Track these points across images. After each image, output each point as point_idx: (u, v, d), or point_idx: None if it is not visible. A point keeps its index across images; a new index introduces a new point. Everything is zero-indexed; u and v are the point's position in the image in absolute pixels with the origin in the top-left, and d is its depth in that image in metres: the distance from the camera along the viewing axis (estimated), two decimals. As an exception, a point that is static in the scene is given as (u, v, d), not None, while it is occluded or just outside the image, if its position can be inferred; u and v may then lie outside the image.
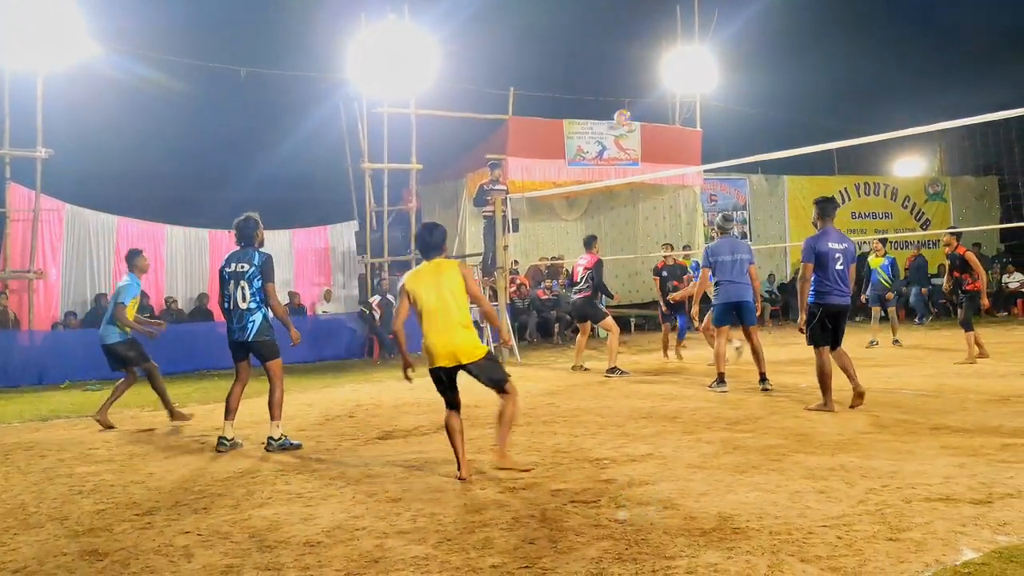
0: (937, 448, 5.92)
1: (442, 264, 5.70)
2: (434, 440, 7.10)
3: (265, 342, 6.96)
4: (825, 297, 7.64)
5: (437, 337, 5.52)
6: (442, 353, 5.52)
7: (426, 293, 5.55)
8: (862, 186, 23.04)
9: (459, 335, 5.53)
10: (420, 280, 5.62)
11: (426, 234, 5.80)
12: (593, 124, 18.16)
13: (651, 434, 6.95)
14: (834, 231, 7.82)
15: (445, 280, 5.58)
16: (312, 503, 5.16)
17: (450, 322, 5.51)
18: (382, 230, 16.87)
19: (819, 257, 7.62)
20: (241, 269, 6.90)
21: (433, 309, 5.53)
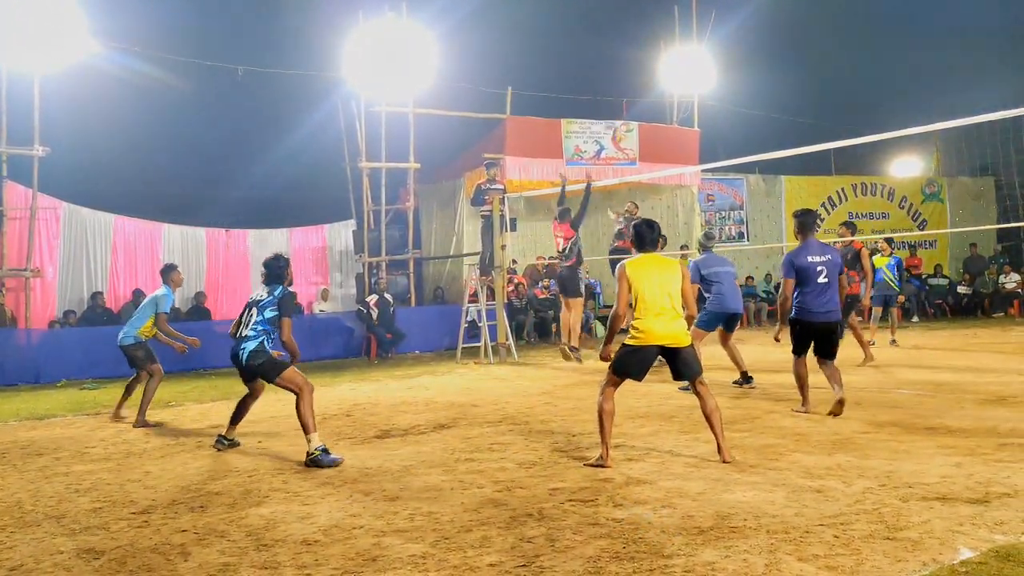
0: (934, 448, 5.93)
1: (662, 259, 6.13)
2: (431, 439, 7.10)
3: (259, 364, 6.69)
4: (806, 314, 7.46)
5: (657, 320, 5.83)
6: (661, 334, 5.83)
7: (647, 281, 5.89)
8: (859, 186, 23.06)
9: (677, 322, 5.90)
10: (641, 269, 5.96)
11: (647, 229, 6.13)
12: (591, 123, 18.16)
13: (648, 433, 6.96)
14: (815, 243, 7.67)
15: (666, 271, 5.97)
16: (309, 502, 5.16)
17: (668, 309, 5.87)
18: (380, 229, 16.86)
19: (800, 272, 7.45)
20: (258, 298, 6.92)
21: (654, 293, 5.86)
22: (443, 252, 18.53)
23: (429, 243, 19.08)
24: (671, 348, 5.87)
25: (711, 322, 9.70)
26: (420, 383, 11.30)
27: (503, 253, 14.27)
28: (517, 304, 17.14)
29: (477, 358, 13.84)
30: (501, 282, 14.13)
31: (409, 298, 17.07)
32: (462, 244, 17.75)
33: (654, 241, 6.14)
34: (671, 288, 5.89)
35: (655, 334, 5.81)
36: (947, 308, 20.38)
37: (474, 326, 14.77)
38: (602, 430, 5.84)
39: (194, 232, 16.56)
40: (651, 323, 5.82)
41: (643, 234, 6.13)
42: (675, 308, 5.88)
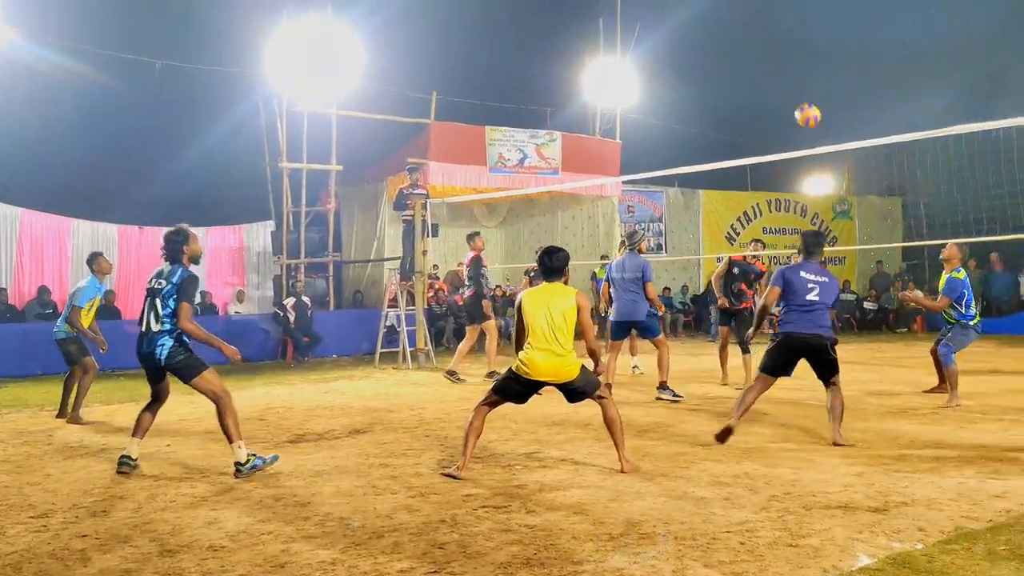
0: (838, 457, 6.12)
1: (559, 288, 5.94)
2: (346, 444, 7.01)
3: (179, 363, 6.06)
4: (787, 325, 7.07)
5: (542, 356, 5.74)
6: (544, 370, 5.74)
7: (537, 313, 5.80)
8: (773, 202, 23.73)
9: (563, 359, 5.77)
10: (535, 300, 5.87)
11: (547, 259, 5.99)
12: (515, 132, 18.22)
13: (564, 440, 7.01)
14: (814, 265, 7.26)
15: (558, 304, 5.81)
16: (217, 507, 5.04)
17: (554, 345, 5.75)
18: (299, 231, 16.61)
19: (788, 283, 7.06)
20: (158, 285, 6.13)
21: (542, 328, 5.76)
22: (364, 256, 18.36)
23: (349, 246, 18.88)
24: (556, 383, 5.80)
25: (615, 332, 9.73)
26: (336, 387, 11.16)
27: (424, 258, 14.21)
28: (437, 310, 17.09)
29: (395, 363, 13.74)
30: (421, 287, 14.07)
31: (328, 301, 16.86)
32: (383, 248, 17.62)
33: (556, 270, 5.96)
34: (562, 322, 5.75)
35: (538, 369, 5.73)
36: (854, 323, 21.11)
37: (393, 331, 14.66)
38: (465, 444, 5.78)
39: (106, 228, 16.06)
40: (535, 357, 5.72)
41: (543, 263, 6.01)
42: (563, 344, 5.73)
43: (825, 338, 7.01)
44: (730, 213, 23.02)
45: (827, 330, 7.08)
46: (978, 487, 5.14)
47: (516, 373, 5.82)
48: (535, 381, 5.79)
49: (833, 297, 7.14)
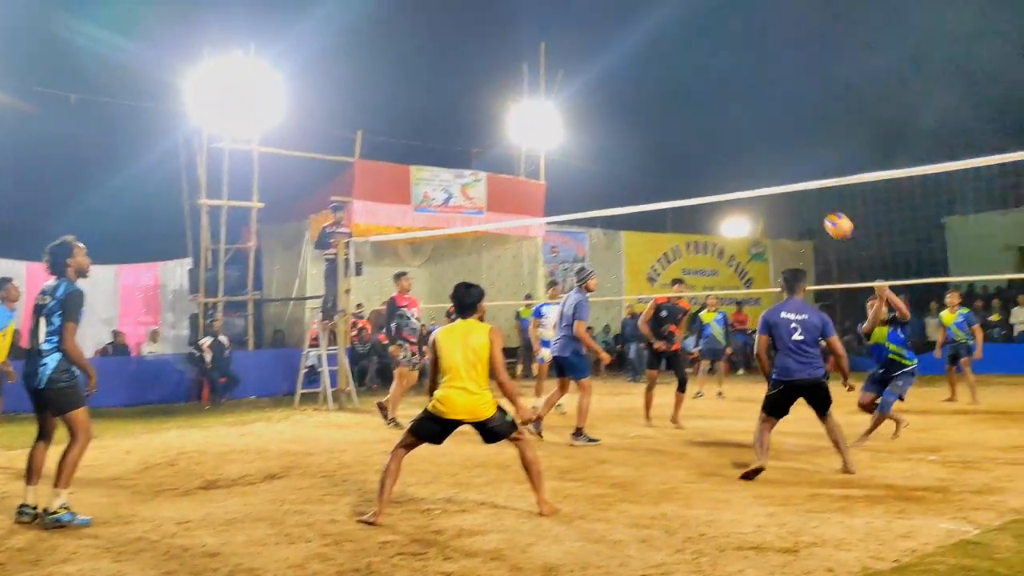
0: (751, 497, 6.23)
1: (474, 325, 5.93)
2: (260, 490, 6.85)
3: (60, 390, 5.73)
4: (787, 374, 7.19)
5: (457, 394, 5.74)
6: (460, 408, 5.73)
7: (451, 351, 5.79)
8: (692, 244, 24.27)
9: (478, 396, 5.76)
10: (449, 337, 5.86)
11: (461, 294, 6.01)
12: (440, 171, 18.30)
13: (484, 483, 6.98)
14: (795, 302, 7.37)
15: (473, 341, 5.80)
16: (122, 558, 4.85)
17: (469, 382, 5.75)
18: (217, 269, 16.27)
19: (773, 328, 7.23)
20: (42, 302, 5.85)
21: (457, 366, 5.75)
22: (285, 294, 18.09)
23: (270, 284, 18.58)
24: (471, 422, 5.79)
25: (554, 368, 9.81)
26: (253, 430, 10.91)
27: (347, 297, 14.07)
28: (360, 349, 16.91)
29: (316, 404, 13.51)
30: (344, 327, 13.90)
31: (247, 341, 16.51)
32: (305, 287, 17.40)
33: (470, 306, 5.99)
34: (476, 359, 5.75)
35: (453, 407, 5.72)
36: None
37: (314, 371, 14.42)
38: (381, 489, 5.71)
39: (13, 265, 15.46)
40: (450, 395, 5.72)
41: (457, 299, 6.02)
42: (478, 381, 5.74)
43: (820, 378, 7.22)
44: (651, 254, 23.46)
45: (819, 368, 7.25)
46: (885, 527, 5.29)
47: (431, 412, 5.78)
48: (451, 420, 5.75)
49: (817, 332, 7.23)
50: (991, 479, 6.68)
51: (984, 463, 7.44)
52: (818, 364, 7.23)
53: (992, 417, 10.98)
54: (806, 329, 7.19)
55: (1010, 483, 6.51)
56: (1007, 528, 5.17)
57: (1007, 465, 7.31)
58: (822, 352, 7.48)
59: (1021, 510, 5.62)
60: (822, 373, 7.27)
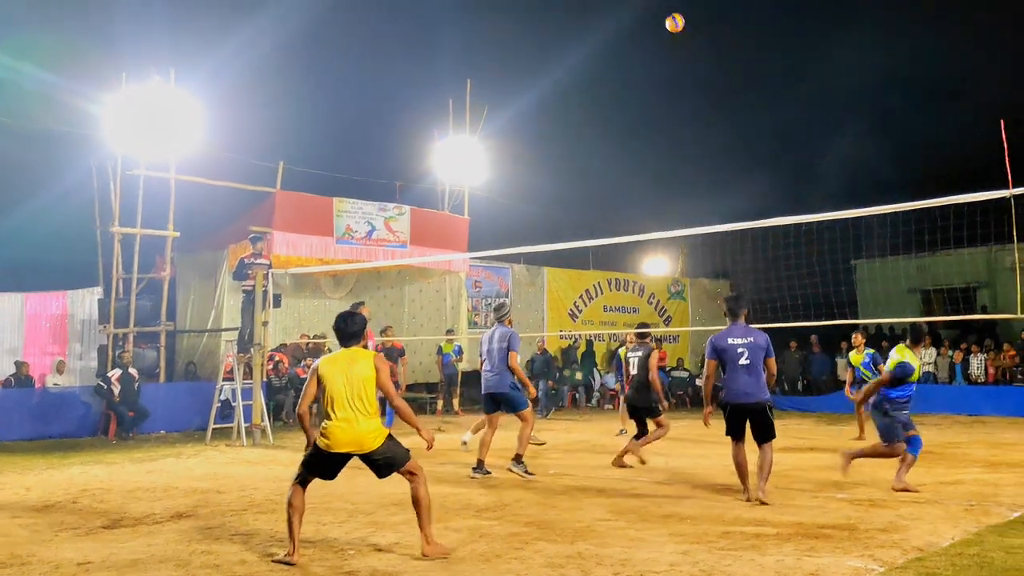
0: (666, 535, 6.28)
1: (357, 353, 5.80)
2: (167, 529, 6.61)
3: None
4: (732, 396, 7.65)
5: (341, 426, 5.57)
6: (345, 440, 5.55)
7: (335, 381, 5.62)
8: (613, 282, 24.58)
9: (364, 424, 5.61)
10: (333, 367, 5.69)
11: (342, 323, 5.87)
12: (363, 204, 18.17)
13: (400, 522, 6.87)
14: (739, 327, 7.77)
15: (358, 369, 5.67)
16: (14, 604, 4.62)
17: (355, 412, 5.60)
18: (129, 299, 15.76)
19: (720, 353, 7.64)
20: None
21: (342, 396, 5.59)
22: (200, 325, 17.64)
23: (185, 315, 18.09)
24: (360, 454, 5.62)
25: (485, 403, 9.68)
26: (162, 466, 10.56)
27: (264, 330, 13.79)
28: (277, 383, 16.57)
29: (229, 440, 13.17)
30: (260, 360, 13.60)
31: (158, 373, 16.00)
32: (221, 318, 16.99)
33: (354, 335, 5.87)
34: (363, 388, 5.63)
35: (337, 440, 5.56)
36: (687, 399, 21.93)
37: (228, 405, 14.06)
38: (289, 526, 5.57)
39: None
40: (334, 428, 5.56)
41: (339, 328, 5.88)
42: (365, 410, 5.61)
43: (763, 402, 7.62)
44: (573, 291, 23.66)
45: (760, 393, 7.61)
46: (794, 565, 5.38)
47: (317, 447, 5.62)
48: (337, 454, 5.59)
49: (763, 352, 7.61)
50: (896, 517, 6.87)
51: (890, 501, 7.66)
52: (763, 388, 7.62)
53: (897, 455, 11.33)
54: (753, 352, 7.56)
55: (914, 521, 6.71)
56: (910, 566, 5.32)
57: (912, 504, 7.54)
58: None
59: (924, 548, 5.80)
60: (767, 397, 7.67)
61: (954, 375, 19.53)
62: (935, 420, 16.85)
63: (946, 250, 18.76)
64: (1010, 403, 17.66)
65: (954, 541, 6.01)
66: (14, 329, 15.97)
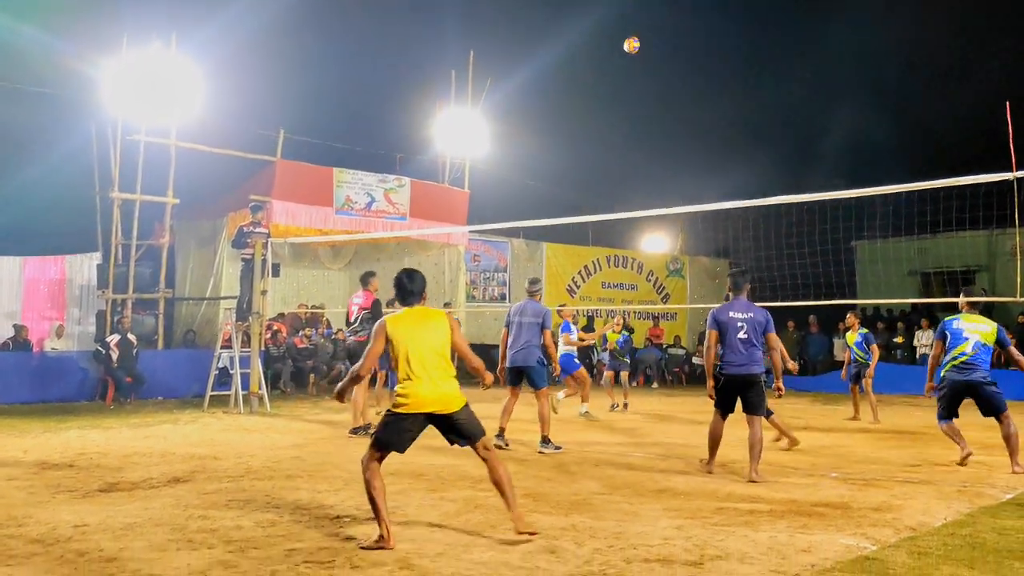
0: (660, 510, 6.31)
1: (429, 312, 5.62)
2: (163, 493, 6.64)
3: None
4: (727, 367, 7.81)
5: (424, 384, 5.32)
6: (429, 398, 5.31)
7: (411, 339, 5.37)
8: (612, 258, 24.56)
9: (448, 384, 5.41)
10: (404, 325, 5.43)
11: (406, 280, 5.63)
12: (363, 175, 18.11)
13: (396, 491, 6.88)
14: (741, 302, 7.96)
15: (433, 328, 5.46)
16: (12, 562, 4.64)
17: (437, 370, 5.38)
18: (128, 265, 15.75)
19: (720, 326, 7.83)
20: None
21: (420, 354, 5.34)
22: (199, 293, 17.63)
23: (184, 283, 18.08)
24: (440, 415, 5.37)
25: (508, 378, 9.65)
26: (159, 432, 10.59)
27: (263, 299, 13.79)
28: (275, 352, 16.59)
29: (226, 407, 13.20)
30: (258, 328, 13.61)
31: (156, 340, 16.03)
32: (220, 286, 16.99)
33: (416, 293, 5.62)
34: (443, 347, 5.42)
35: (420, 400, 5.28)
36: (683, 376, 22.02)
37: (225, 373, 14.09)
38: (375, 508, 5.25)
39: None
40: (416, 388, 5.28)
41: (403, 285, 5.62)
42: (445, 368, 5.39)
43: (756, 374, 7.82)
44: (571, 266, 23.65)
45: (759, 366, 7.85)
46: (787, 541, 5.41)
47: (395, 412, 5.34)
48: (418, 415, 5.32)
49: (762, 328, 7.83)
50: (889, 496, 6.91)
51: (883, 481, 7.70)
52: (758, 362, 7.82)
53: (893, 436, 11.38)
54: (751, 327, 7.77)
55: (907, 501, 6.74)
56: (902, 545, 5.35)
57: (905, 483, 7.58)
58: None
59: (917, 528, 5.83)
60: (760, 371, 7.86)
61: (950, 358, 19.55)
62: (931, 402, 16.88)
63: (947, 232, 18.75)
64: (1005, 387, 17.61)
65: (946, 521, 6.05)
66: (12, 293, 15.99)
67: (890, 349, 20.77)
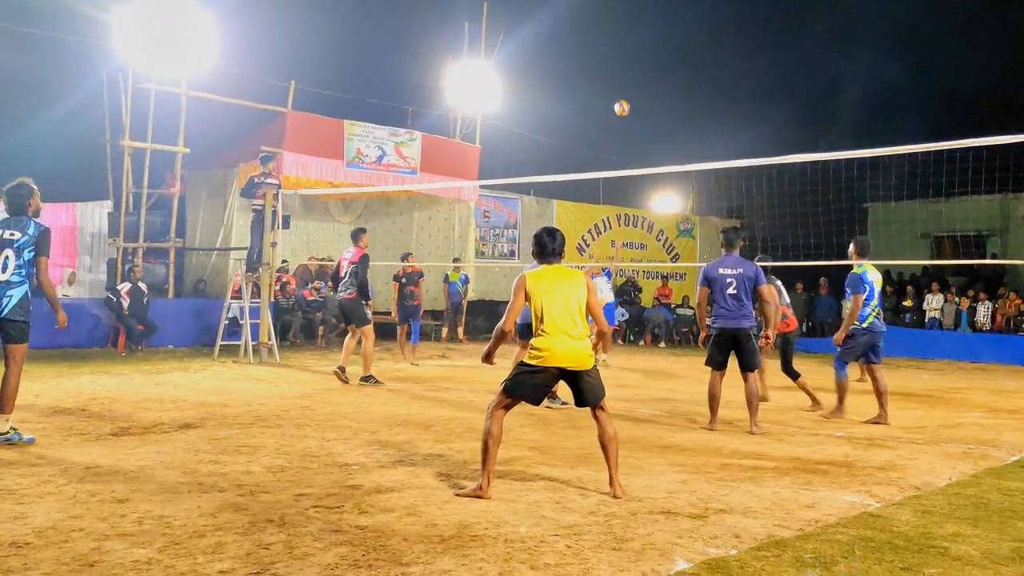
0: (665, 465, 6.36)
1: (567, 271, 5.67)
2: (174, 439, 6.72)
3: (19, 323, 6.46)
4: (719, 320, 8.07)
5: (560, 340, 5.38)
6: (564, 355, 5.38)
7: (549, 295, 5.46)
8: (623, 217, 24.45)
9: (582, 343, 5.47)
10: (543, 281, 5.51)
11: (548, 238, 5.66)
12: (375, 128, 18.00)
13: (404, 441, 6.97)
14: (732, 258, 8.18)
15: (572, 287, 5.52)
16: (25, 501, 4.71)
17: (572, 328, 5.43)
18: (139, 213, 15.76)
19: (711, 282, 8.07)
20: (11, 236, 6.36)
21: (557, 311, 5.41)
22: (209, 243, 17.66)
23: (194, 233, 18.10)
24: (573, 371, 5.42)
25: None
26: (170, 379, 10.69)
27: (273, 250, 13.81)
28: (284, 304, 16.66)
29: (236, 357, 13.30)
30: (268, 280, 13.66)
31: (167, 289, 16.10)
32: (230, 237, 16.99)
33: (556, 251, 5.66)
34: (577, 304, 5.46)
35: (556, 355, 5.34)
36: (692, 336, 22.03)
37: (235, 323, 14.17)
38: (485, 456, 5.27)
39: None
40: (552, 342, 5.35)
41: (544, 243, 5.66)
42: (580, 326, 5.44)
43: (746, 328, 8.00)
44: (582, 224, 23.56)
45: (749, 320, 8.03)
46: (791, 497, 5.45)
47: (529, 364, 5.40)
48: (552, 369, 5.38)
49: (751, 283, 7.99)
50: (894, 456, 6.94)
51: (888, 441, 7.73)
52: (748, 316, 8.03)
53: (899, 398, 11.38)
54: (740, 283, 7.96)
55: (911, 461, 6.77)
56: (907, 503, 5.38)
57: (910, 444, 7.61)
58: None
59: (921, 487, 5.86)
60: (750, 324, 8.05)
61: (959, 322, 19.53)
62: (938, 366, 16.94)
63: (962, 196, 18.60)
64: (1014, 352, 17.71)
65: (951, 481, 6.08)
66: (24, 239, 16.04)
67: (899, 313, 20.73)
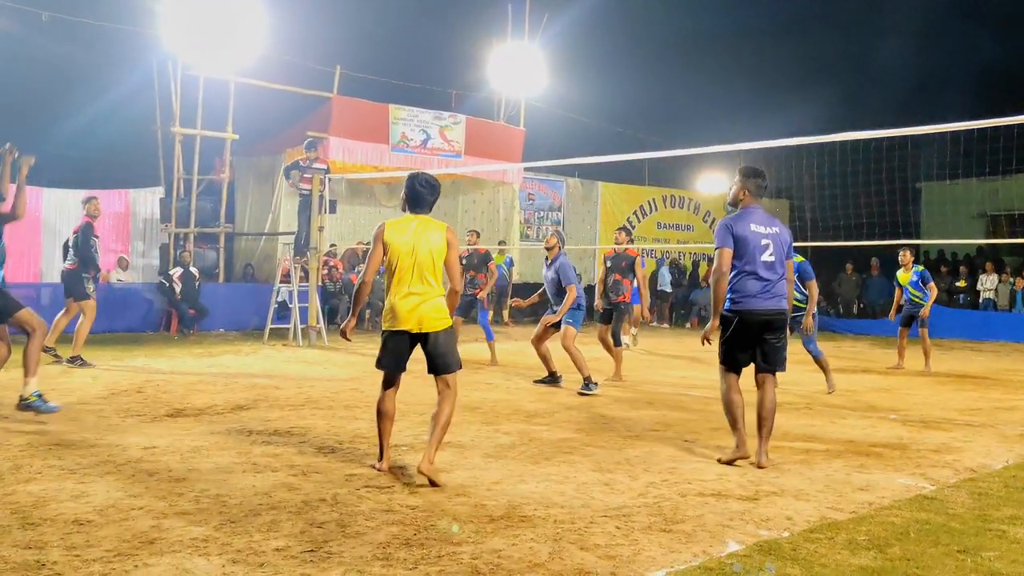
0: (714, 447, 6.31)
1: (429, 222, 5.14)
2: (227, 420, 6.84)
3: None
4: (746, 302, 5.59)
5: (406, 300, 4.99)
6: (407, 316, 4.99)
7: (405, 250, 4.98)
8: (668, 198, 24.25)
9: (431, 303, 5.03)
10: (401, 232, 5.03)
11: (422, 185, 5.17)
12: (419, 112, 18.05)
13: (453, 423, 6.99)
14: (762, 213, 5.82)
15: (429, 239, 5.05)
16: (86, 480, 4.84)
17: (421, 285, 4.99)
18: (190, 199, 16.03)
19: (740, 243, 5.58)
20: None
21: (407, 267, 4.98)
22: (257, 228, 17.89)
23: (243, 218, 18.36)
24: (420, 334, 5.04)
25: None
26: (222, 362, 10.87)
27: (320, 235, 13.95)
28: (332, 288, 16.83)
29: (285, 340, 13.48)
30: (316, 264, 13.80)
31: (217, 273, 16.37)
32: (278, 222, 17.20)
33: (430, 204, 5.19)
34: (430, 262, 5.00)
35: (400, 317, 4.99)
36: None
37: (284, 307, 14.36)
38: (380, 434, 5.26)
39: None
40: (396, 303, 4.99)
41: (419, 193, 5.15)
42: (429, 283, 4.97)
43: (782, 311, 5.70)
44: (627, 206, 23.41)
45: (783, 301, 5.71)
46: (844, 480, 5.38)
47: (385, 330, 5.09)
48: (399, 332, 5.04)
49: (788, 252, 5.79)
50: (949, 439, 6.81)
51: (943, 423, 7.59)
52: (784, 293, 5.72)
53: (953, 380, 11.18)
54: (778, 247, 5.67)
55: (967, 443, 6.65)
56: (962, 486, 5.28)
57: (965, 426, 7.47)
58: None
59: (977, 469, 5.75)
60: (785, 307, 5.76)
61: (1014, 302, 19.07)
62: (993, 347, 16.57)
63: (1018, 172, 18.10)
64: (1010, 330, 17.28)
65: (1008, 464, 5.95)
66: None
67: (952, 293, 20.29)
